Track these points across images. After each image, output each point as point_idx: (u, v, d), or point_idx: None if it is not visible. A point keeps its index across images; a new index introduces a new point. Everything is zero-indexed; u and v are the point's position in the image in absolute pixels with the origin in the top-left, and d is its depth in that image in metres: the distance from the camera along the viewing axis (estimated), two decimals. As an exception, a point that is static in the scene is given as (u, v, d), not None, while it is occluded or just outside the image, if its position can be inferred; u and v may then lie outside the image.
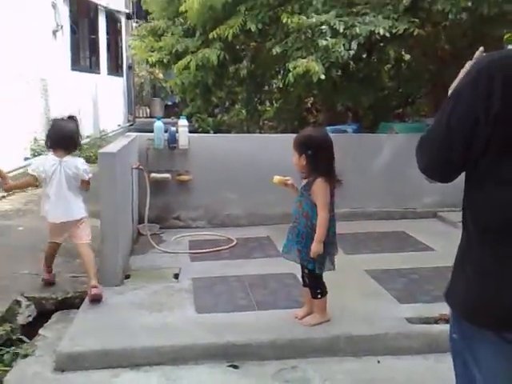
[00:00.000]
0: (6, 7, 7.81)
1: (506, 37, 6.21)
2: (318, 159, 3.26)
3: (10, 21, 7.88)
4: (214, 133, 9.62)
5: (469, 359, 1.58)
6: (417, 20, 6.31)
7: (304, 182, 3.37)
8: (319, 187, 3.26)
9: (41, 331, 3.63)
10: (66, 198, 3.97)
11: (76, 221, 4.05)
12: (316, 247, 3.24)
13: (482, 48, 1.73)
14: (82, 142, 5.73)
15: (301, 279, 3.56)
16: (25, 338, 3.53)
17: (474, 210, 1.56)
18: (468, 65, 1.66)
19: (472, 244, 1.57)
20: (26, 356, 3.31)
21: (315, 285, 3.42)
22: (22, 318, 3.78)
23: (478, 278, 1.52)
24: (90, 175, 4.03)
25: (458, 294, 1.59)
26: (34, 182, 4.11)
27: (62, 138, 3.94)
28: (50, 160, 3.96)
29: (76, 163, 3.99)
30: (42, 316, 3.87)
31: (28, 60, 8.57)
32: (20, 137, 8.24)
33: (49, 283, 4.22)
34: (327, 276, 3.43)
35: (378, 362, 3.18)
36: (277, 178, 3.49)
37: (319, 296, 3.42)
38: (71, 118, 4.14)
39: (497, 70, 1.46)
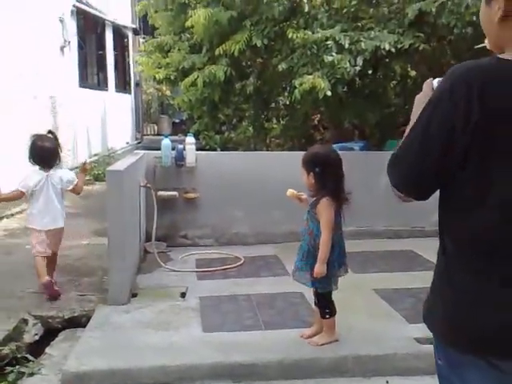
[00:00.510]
0: (13, 22, 7.89)
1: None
2: (325, 177, 3.25)
3: (17, 36, 7.95)
4: (221, 150, 9.63)
5: None
6: (422, 35, 6.33)
7: (312, 200, 3.36)
8: (324, 206, 3.24)
9: (47, 350, 3.62)
10: (54, 207, 4.35)
11: (61, 228, 4.43)
12: (319, 268, 3.22)
13: (431, 79, 1.70)
14: (90, 160, 5.94)
15: (311, 298, 3.53)
16: (30, 357, 3.52)
17: (454, 232, 1.51)
18: (426, 86, 1.67)
19: (450, 266, 1.51)
20: (31, 375, 3.30)
21: (324, 304, 3.39)
22: (29, 337, 3.78)
23: (455, 297, 1.47)
24: (75, 181, 4.41)
25: (436, 317, 1.52)
26: (22, 196, 4.40)
27: (43, 156, 4.31)
28: (37, 175, 4.32)
29: (60, 175, 4.37)
30: (49, 334, 3.86)
31: (36, 76, 8.64)
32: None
33: (54, 297, 4.22)
34: (335, 295, 3.40)
35: (387, 382, 3.13)
36: (290, 192, 3.45)
37: (327, 316, 3.39)
38: (50, 133, 4.58)
39: (475, 78, 1.43)
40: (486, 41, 1.64)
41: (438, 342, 1.53)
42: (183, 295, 4.33)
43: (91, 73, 12.72)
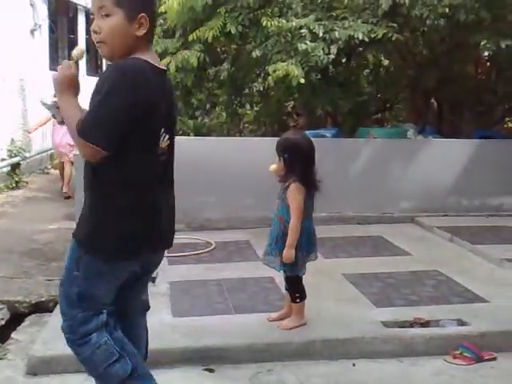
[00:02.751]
0: (-18, 5, 7.70)
1: (482, 43, 6.32)
2: (294, 162, 3.26)
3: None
4: (195, 135, 9.59)
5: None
6: (395, 25, 6.38)
7: (283, 184, 3.37)
8: (293, 192, 3.26)
9: (13, 335, 3.57)
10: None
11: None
12: (287, 253, 3.24)
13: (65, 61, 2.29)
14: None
15: (282, 283, 3.56)
16: (-4, 342, 3.47)
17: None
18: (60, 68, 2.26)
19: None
20: (-3, 360, 3.26)
21: (294, 289, 3.42)
22: (-5, 322, 3.72)
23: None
24: None
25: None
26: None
27: None
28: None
29: None
30: (16, 320, 3.81)
31: (5, 59, 8.45)
32: (-4, 137, 8.12)
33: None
34: (304, 280, 3.43)
35: (354, 365, 3.18)
36: (273, 167, 3.37)
37: (298, 301, 3.42)
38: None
39: (135, 73, 2.01)
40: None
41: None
42: (153, 280, 4.30)
43: (62, 56, 12.50)
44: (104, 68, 16.23)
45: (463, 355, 3.19)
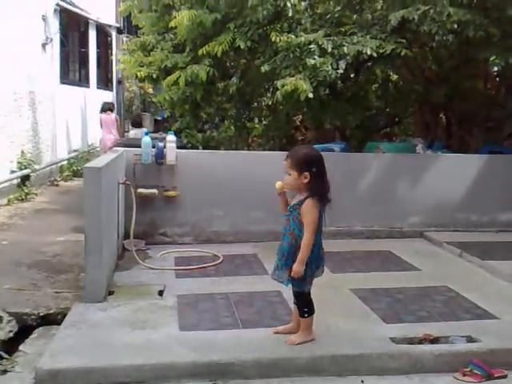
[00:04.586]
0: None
1: (491, 59, 6.32)
2: (319, 177, 3.26)
3: (-1, 33, 7.86)
4: (203, 149, 9.62)
5: None
6: (404, 41, 6.40)
7: (295, 200, 3.36)
8: (311, 207, 3.25)
9: (21, 347, 3.58)
10: None
11: None
12: (297, 268, 3.24)
13: None
14: (70, 155, 6.53)
15: (290, 297, 3.54)
16: (4, 354, 3.47)
17: None
18: None
19: None
20: (5, 372, 3.26)
21: (303, 304, 3.41)
22: (3, 334, 3.73)
23: None
24: None
25: None
26: None
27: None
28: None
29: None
30: (24, 332, 3.81)
31: (16, 72, 8.54)
32: (7, 149, 8.18)
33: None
34: (312, 294, 3.41)
35: (362, 381, 3.15)
36: (279, 184, 3.40)
37: (306, 315, 3.40)
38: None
39: None
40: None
41: None
42: (161, 293, 4.31)
43: (73, 69, 12.63)
44: (114, 83, 16.47)
45: (473, 372, 3.16)
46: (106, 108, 10.27)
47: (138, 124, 14.07)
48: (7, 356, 3.46)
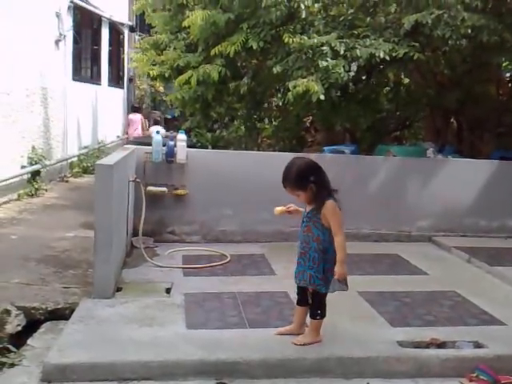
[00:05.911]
0: (8, 15, 7.85)
1: (504, 64, 6.29)
2: (323, 181, 3.29)
3: (12, 29, 7.90)
4: (213, 148, 9.64)
5: None
6: (417, 44, 6.38)
7: (309, 207, 3.37)
8: (333, 208, 3.27)
9: (29, 341, 3.59)
10: None
11: None
12: (341, 269, 3.25)
13: None
14: (80, 152, 6.28)
15: (295, 298, 3.55)
16: (12, 348, 3.49)
17: None
18: None
19: None
20: (12, 365, 3.28)
21: (317, 305, 3.41)
22: (11, 328, 3.75)
23: None
24: None
25: None
26: None
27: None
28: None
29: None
30: (32, 326, 3.83)
31: (29, 69, 8.59)
32: (18, 145, 8.23)
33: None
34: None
35: (368, 384, 3.15)
36: (278, 210, 3.51)
37: (318, 317, 3.41)
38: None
39: None
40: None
41: None
42: (168, 291, 4.32)
43: (85, 67, 12.69)
44: (125, 81, 16.56)
45: (479, 378, 3.15)
46: (134, 110, 13.53)
47: (157, 122, 16.41)
48: (15, 349, 3.47)
